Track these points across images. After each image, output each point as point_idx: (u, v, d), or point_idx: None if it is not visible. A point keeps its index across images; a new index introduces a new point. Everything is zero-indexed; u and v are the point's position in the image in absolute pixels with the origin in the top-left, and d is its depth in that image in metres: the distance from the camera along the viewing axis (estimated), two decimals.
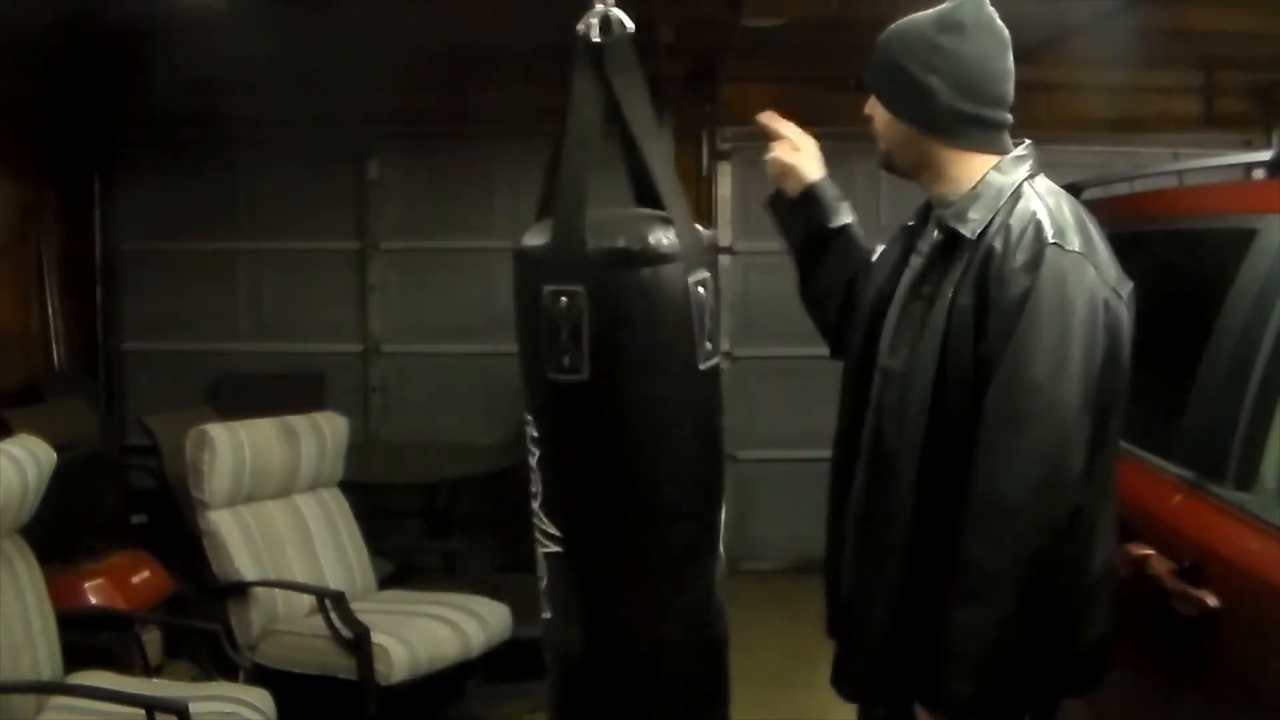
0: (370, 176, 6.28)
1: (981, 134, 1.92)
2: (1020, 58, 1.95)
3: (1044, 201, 1.85)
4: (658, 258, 1.75)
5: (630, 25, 1.77)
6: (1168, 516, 2.14)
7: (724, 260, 6.20)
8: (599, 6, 1.78)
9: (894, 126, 1.96)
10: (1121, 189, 3.43)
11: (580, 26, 1.80)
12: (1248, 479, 1.98)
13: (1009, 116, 1.94)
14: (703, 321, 1.79)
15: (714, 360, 1.83)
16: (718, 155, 6.14)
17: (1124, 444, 2.45)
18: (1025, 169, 1.91)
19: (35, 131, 5.79)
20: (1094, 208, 3.27)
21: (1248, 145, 5.51)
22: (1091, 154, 5.63)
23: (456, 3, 4.59)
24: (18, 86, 5.38)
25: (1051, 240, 1.79)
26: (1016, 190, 1.87)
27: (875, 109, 1.99)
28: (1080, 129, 5.83)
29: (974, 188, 1.90)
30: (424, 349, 6.25)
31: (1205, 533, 2.01)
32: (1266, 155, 2.60)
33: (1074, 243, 1.80)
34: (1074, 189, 3.45)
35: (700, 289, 1.79)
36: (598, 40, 1.78)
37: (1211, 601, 1.88)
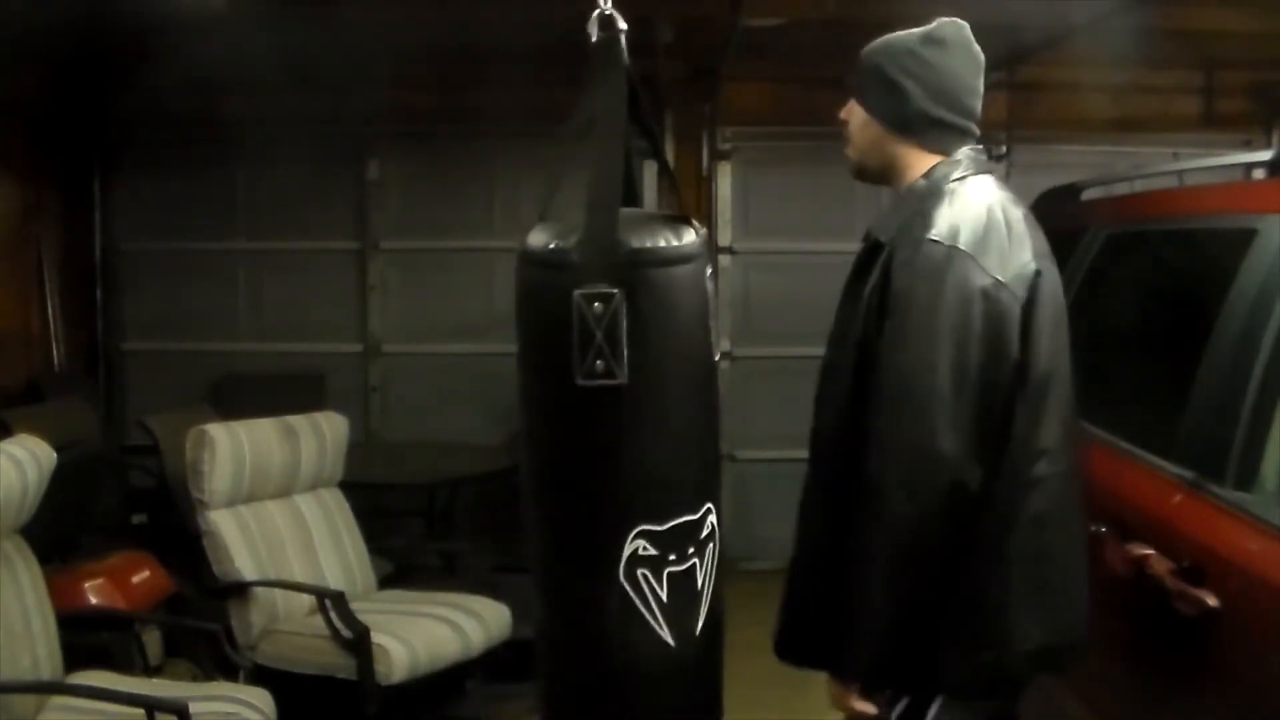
0: (370, 176, 6.29)
1: (941, 137, 2.02)
2: (1020, 58, 1.99)
3: (952, 201, 1.94)
4: (685, 256, 1.76)
5: (622, 25, 1.78)
6: (1168, 516, 2.14)
7: (724, 260, 6.20)
8: (599, 7, 1.81)
9: (868, 127, 2.07)
10: (1121, 189, 3.43)
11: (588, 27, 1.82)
12: (1248, 479, 1.98)
13: (975, 128, 2.04)
14: (715, 316, 1.84)
15: (719, 354, 1.88)
16: (718, 155, 6.13)
17: (1124, 444, 2.46)
18: (957, 171, 1.99)
19: (35, 131, 5.79)
20: (1094, 208, 3.29)
21: (1248, 145, 5.51)
22: (1091, 154, 5.64)
23: (456, 3, 4.59)
24: (18, 86, 5.38)
25: (929, 236, 1.89)
26: (938, 191, 1.96)
27: (852, 111, 2.10)
28: (1080, 129, 5.84)
29: (903, 194, 2.02)
30: (424, 349, 6.26)
31: (1205, 533, 2.01)
32: (1266, 155, 2.60)
33: (957, 238, 1.89)
34: (1074, 189, 3.46)
35: (710, 284, 1.83)
36: (593, 39, 1.81)
37: (1211, 601, 1.88)
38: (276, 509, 3.88)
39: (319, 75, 5.15)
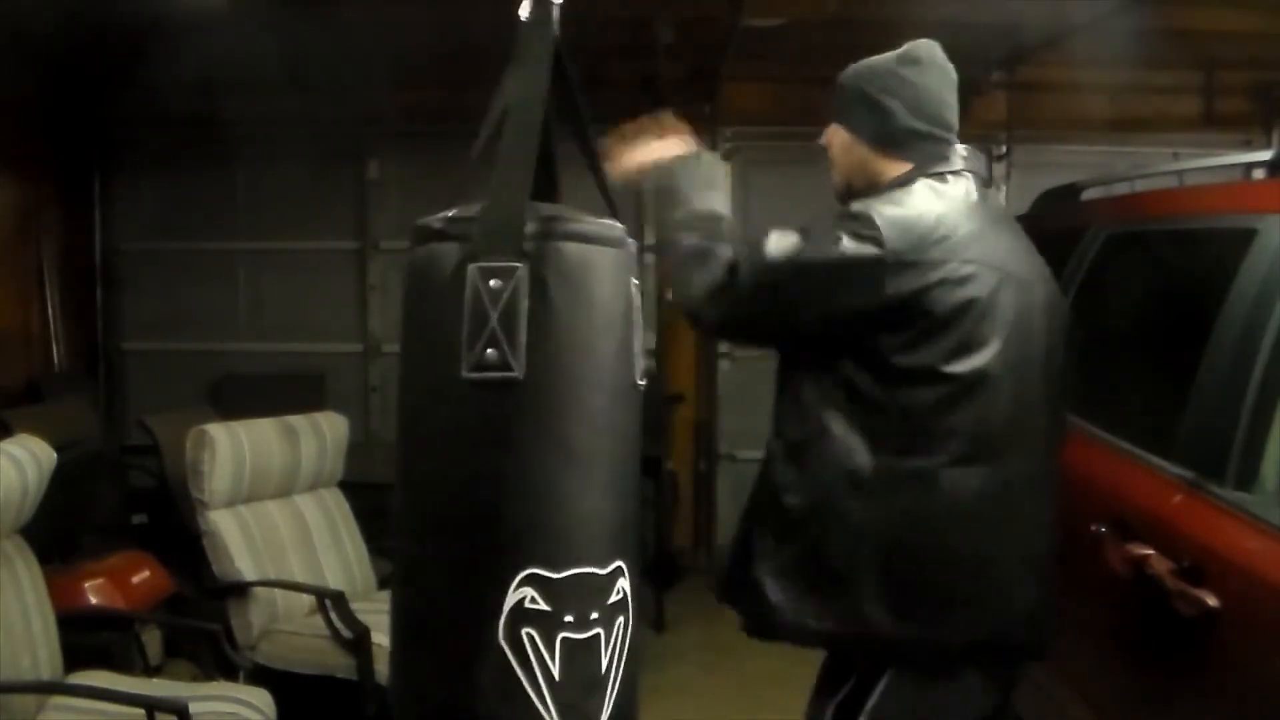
0: (370, 176, 6.29)
1: (922, 148, 2.11)
2: (1020, 58, 1.99)
3: (889, 194, 2.04)
4: (606, 238, 1.52)
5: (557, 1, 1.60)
6: (1168, 516, 2.14)
7: None
8: None
9: (852, 149, 2.17)
10: (1121, 189, 3.43)
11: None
12: (1248, 479, 1.98)
13: (953, 137, 2.14)
14: (639, 329, 1.55)
15: (644, 380, 1.57)
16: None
17: (1124, 444, 2.46)
18: (923, 173, 2.07)
19: (35, 131, 5.79)
20: (1094, 208, 3.29)
21: (1248, 145, 5.51)
22: (1091, 154, 5.64)
23: (456, 2, 4.59)
24: (18, 86, 5.38)
25: (845, 223, 2.01)
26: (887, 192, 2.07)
27: (835, 135, 2.20)
28: (1080, 129, 5.84)
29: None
30: None
31: (1205, 533, 2.01)
32: (1266, 155, 2.60)
33: (873, 230, 1.96)
34: (1074, 189, 3.46)
35: (637, 296, 1.55)
36: (524, 18, 1.59)
37: (1211, 601, 1.88)
38: (276, 509, 3.88)
39: (319, 76, 5.15)
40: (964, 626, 1.99)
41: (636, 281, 1.58)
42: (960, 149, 2.13)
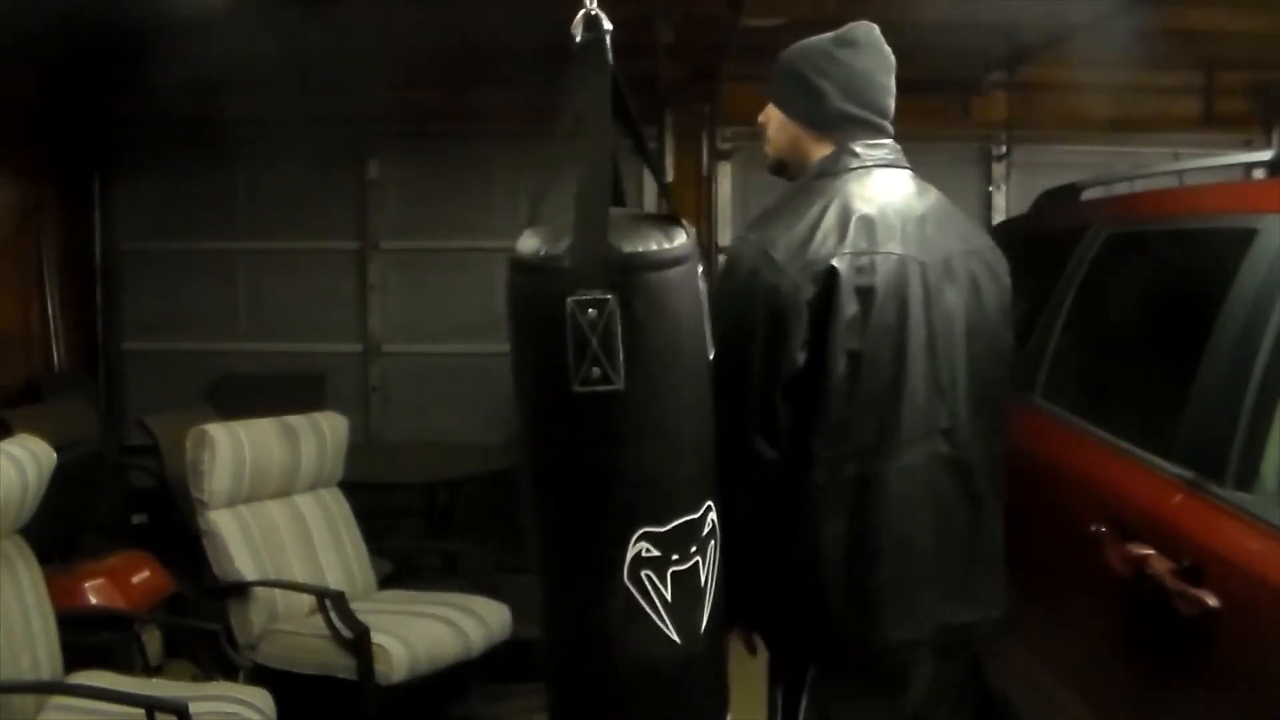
0: (370, 176, 6.29)
1: (853, 133, 2.09)
2: (1020, 58, 1.99)
3: (795, 194, 2.07)
4: (677, 258, 1.77)
5: (607, 25, 1.77)
6: (1168, 516, 2.14)
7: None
8: (585, 6, 1.80)
9: (785, 128, 2.19)
10: (1121, 189, 3.43)
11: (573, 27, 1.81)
12: (1248, 479, 1.98)
13: (887, 125, 2.13)
14: (709, 315, 1.86)
15: (714, 351, 1.89)
16: (718, 155, 6.14)
17: (1124, 444, 2.46)
18: (835, 165, 2.07)
19: (35, 131, 5.79)
20: (1094, 208, 3.29)
21: (1248, 145, 5.51)
22: (1091, 154, 5.64)
23: (456, 3, 4.59)
24: (18, 86, 5.37)
25: (745, 231, 2.06)
26: (800, 186, 2.09)
27: (770, 114, 2.22)
28: (1080, 129, 5.84)
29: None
30: (424, 349, 6.26)
31: (1205, 533, 2.01)
32: (1266, 155, 2.60)
33: (760, 231, 2.01)
34: (1074, 189, 3.46)
35: (703, 284, 1.84)
36: (579, 40, 1.79)
37: (1211, 601, 1.88)
38: (276, 509, 3.89)
39: (319, 76, 5.16)
40: (923, 623, 2.00)
41: (701, 269, 1.82)
42: (887, 142, 2.10)
